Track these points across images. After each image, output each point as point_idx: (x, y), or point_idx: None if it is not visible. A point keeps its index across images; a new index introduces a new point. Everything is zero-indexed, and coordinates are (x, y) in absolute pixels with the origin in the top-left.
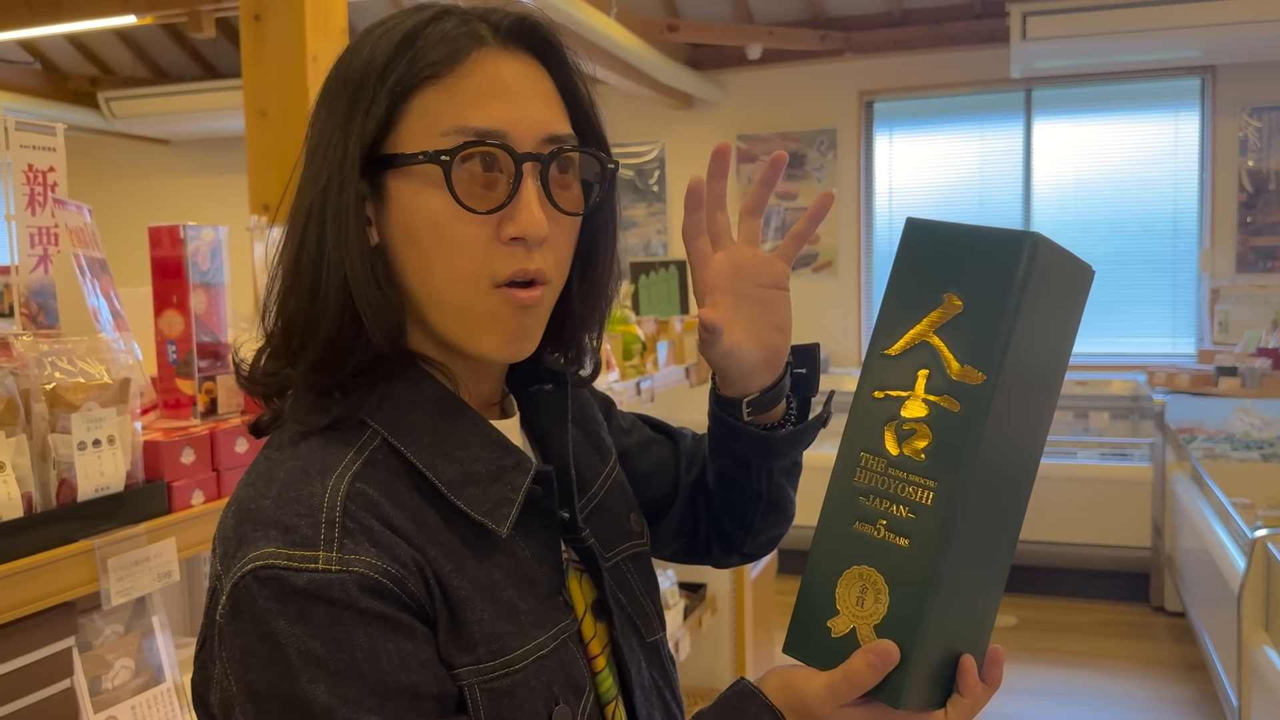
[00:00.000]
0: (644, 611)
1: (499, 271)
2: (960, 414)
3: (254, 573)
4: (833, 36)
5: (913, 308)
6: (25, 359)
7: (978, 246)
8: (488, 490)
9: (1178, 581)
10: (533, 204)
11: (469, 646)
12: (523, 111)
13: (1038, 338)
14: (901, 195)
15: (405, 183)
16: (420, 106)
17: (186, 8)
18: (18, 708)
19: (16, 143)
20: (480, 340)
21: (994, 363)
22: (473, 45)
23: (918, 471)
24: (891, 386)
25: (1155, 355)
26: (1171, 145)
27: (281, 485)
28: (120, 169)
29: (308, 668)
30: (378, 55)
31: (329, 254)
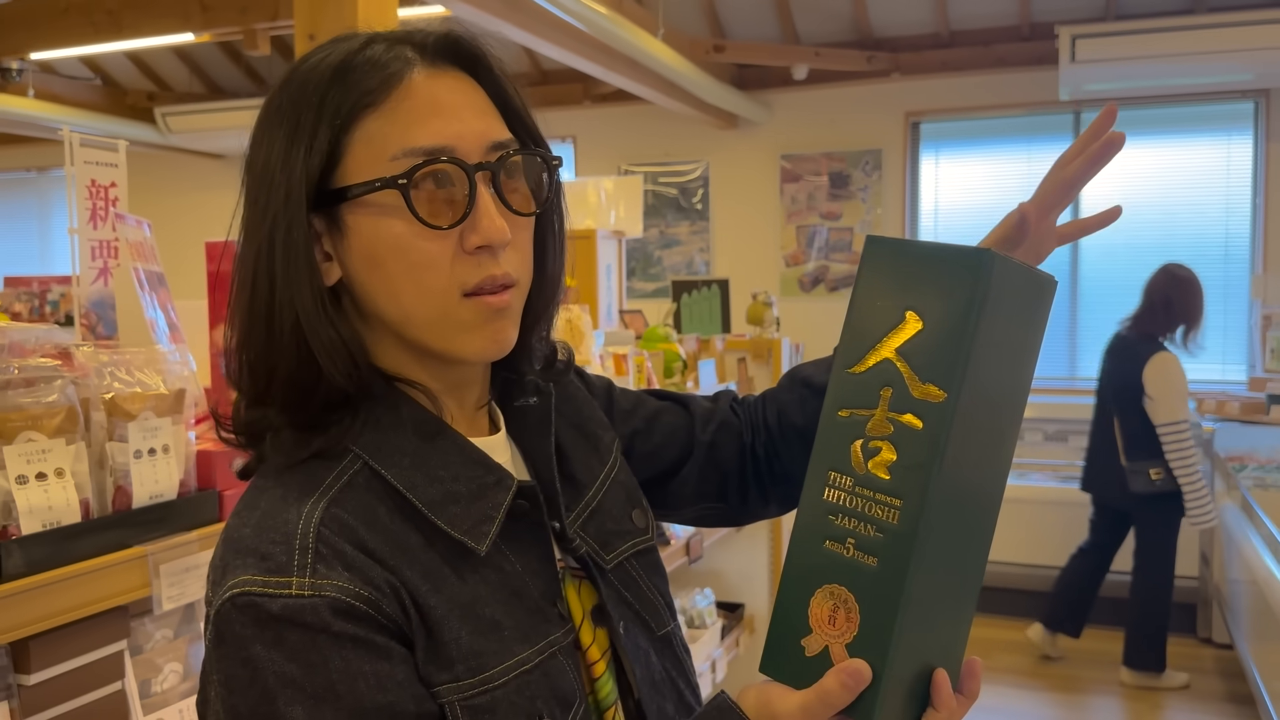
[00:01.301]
0: (652, 606)
1: (468, 281)
2: (923, 431)
3: (232, 600)
4: (880, 57)
5: (875, 326)
6: (85, 369)
7: (936, 264)
8: (469, 509)
9: (1226, 613)
10: (491, 211)
11: (447, 665)
12: (464, 125)
13: (999, 352)
14: (947, 217)
15: (362, 212)
16: (364, 136)
17: (242, 26)
18: (72, 708)
19: (80, 158)
20: (460, 346)
21: (954, 380)
22: (404, 68)
23: (883, 490)
24: (856, 405)
25: (1205, 382)
26: (1224, 169)
27: (261, 514)
28: (175, 183)
29: (285, 691)
30: (310, 89)
31: (279, 296)
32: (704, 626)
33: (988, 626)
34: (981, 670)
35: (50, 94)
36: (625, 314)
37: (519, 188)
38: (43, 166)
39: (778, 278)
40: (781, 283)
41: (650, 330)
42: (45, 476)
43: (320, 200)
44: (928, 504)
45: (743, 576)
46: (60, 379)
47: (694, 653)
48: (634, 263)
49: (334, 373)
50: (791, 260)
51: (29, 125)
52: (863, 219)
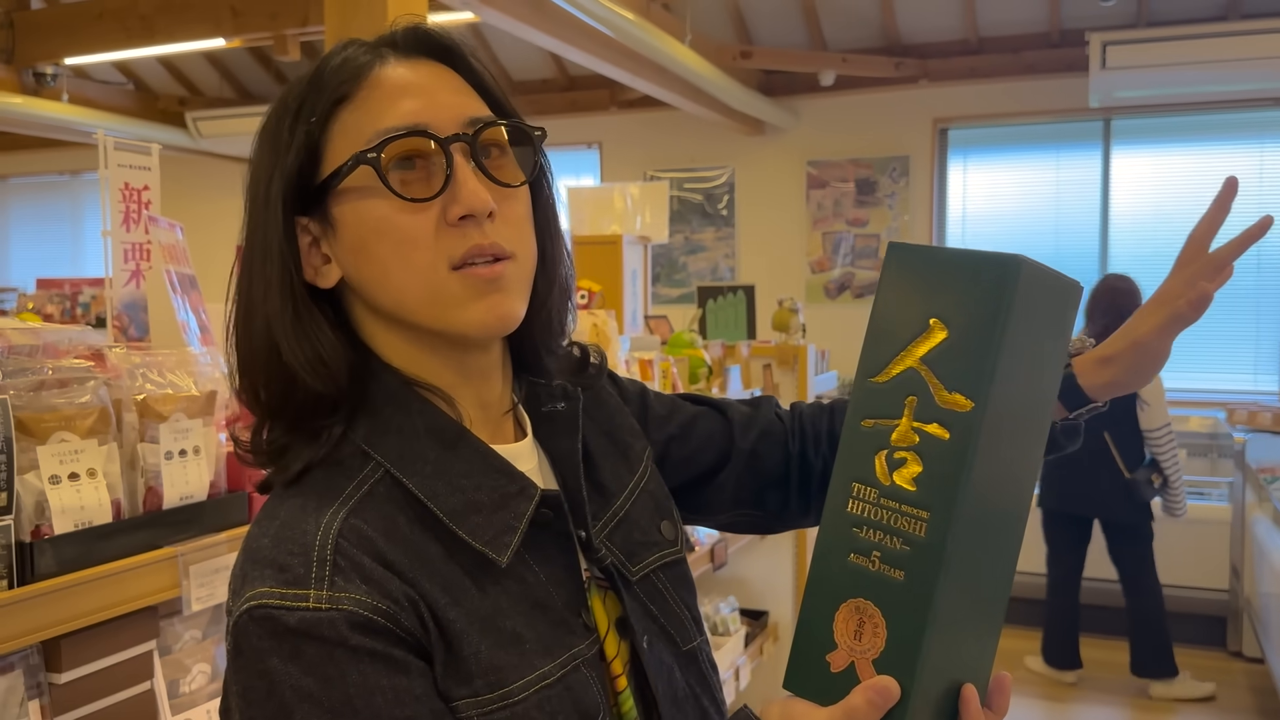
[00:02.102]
0: (678, 620)
1: (454, 252)
2: (950, 442)
3: (249, 612)
4: (908, 64)
5: (898, 334)
6: (118, 370)
7: (961, 271)
8: (490, 518)
9: (1257, 626)
10: (471, 180)
11: (466, 679)
12: (437, 102)
13: (1026, 361)
14: (975, 224)
15: (345, 202)
16: (340, 129)
17: (273, 31)
18: (101, 707)
19: (114, 161)
20: (457, 320)
21: (982, 389)
22: (375, 61)
23: (910, 502)
24: (880, 415)
25: (1236, 392)
26: (1256, 178)
27: (280, 524)
28: (206, 187)
29: (302, 705)
30: (289, 101)
31: (254, 299)
32: (728, 634)
33: (1013, 637)
34: (1010, 685)
35: (84, 99)
36: (650, 320)
37: (504, 162)
38: (75, 170)
39: (803, 284)
40: (807, 289)
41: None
42: (77, 477)
43: (309, 201)
44: (956, 516)
45: (767, 584)
46: (93, 380)
47: (718, 660)
48: (659, 269)
49: (304, 376)
50: (817, 267)
51: (63, 129)
52: (889, 225)
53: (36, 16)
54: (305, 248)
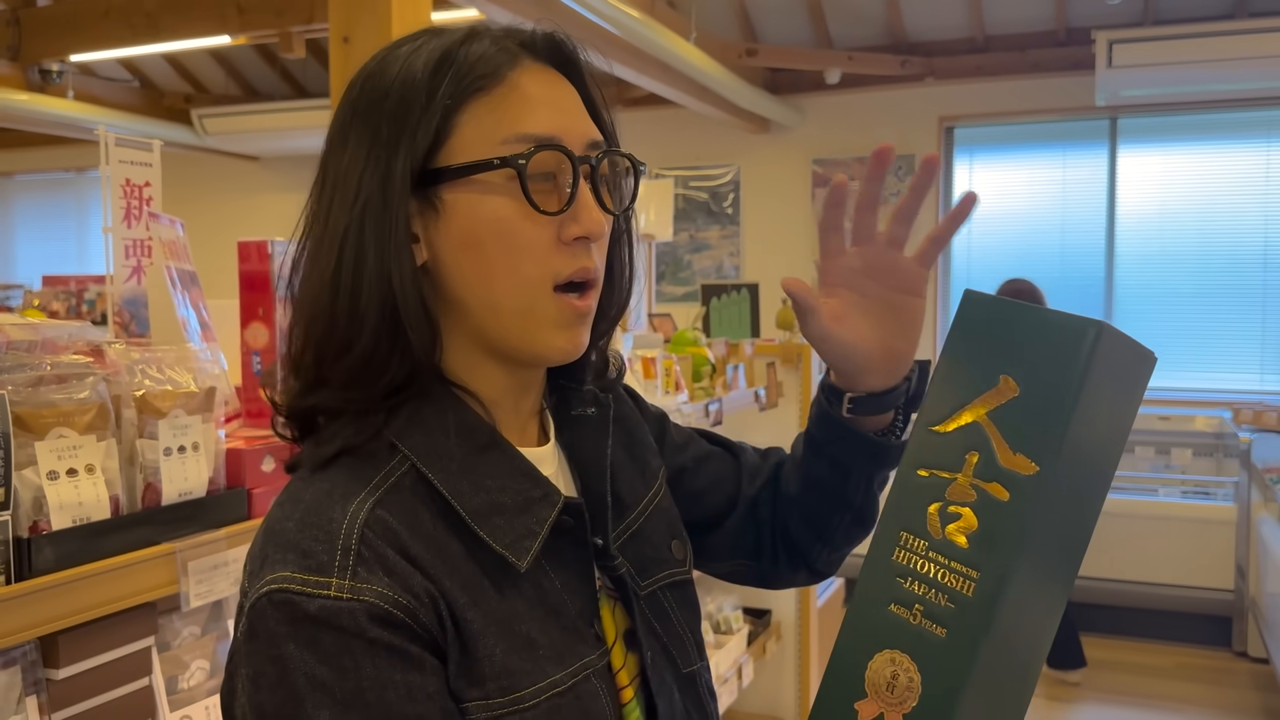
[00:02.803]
0: (681, 641)
1: (561, 271)
2: (1009, 505)
3: (269, 595)
4: (914, 62)
5: (965, 385)
6: (117, 366)
7: (1040, 329)
8: (513, 521)
9: (1262, 627)
10: (592, 203)
11: (479, 681)
12: (569, 119)
13: (1095, 428)
14: (981, 222)
15: (465, 193)
16: (473, 118)
17: (278, 29)
18: (99, 703)
19: (116, 158)
20: (541, 343)
21: (1049, 454)
22: (512, 60)
23: (960, 559)
24: (938, 466)
25: (1242, 392)
26: (1263, 176)
27: (305, 509)
28: (211, 184)
29: (313, 694)
30: (416, 75)
31: (370, 271)
32: (730, 632)
33: None
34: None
35: (89, 96)
36: (654, 318)
37: (609, 187)
38: (81, 167)
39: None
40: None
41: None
42: (76, 472)
43: (418, 181)
44: (1007, 581)
45: None
46: (92, 376)
47: (720, 658)
48: (664, 266)
49: (419, 348)
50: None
51: (68, 126)
52: None
53: (42, 13)
54: None
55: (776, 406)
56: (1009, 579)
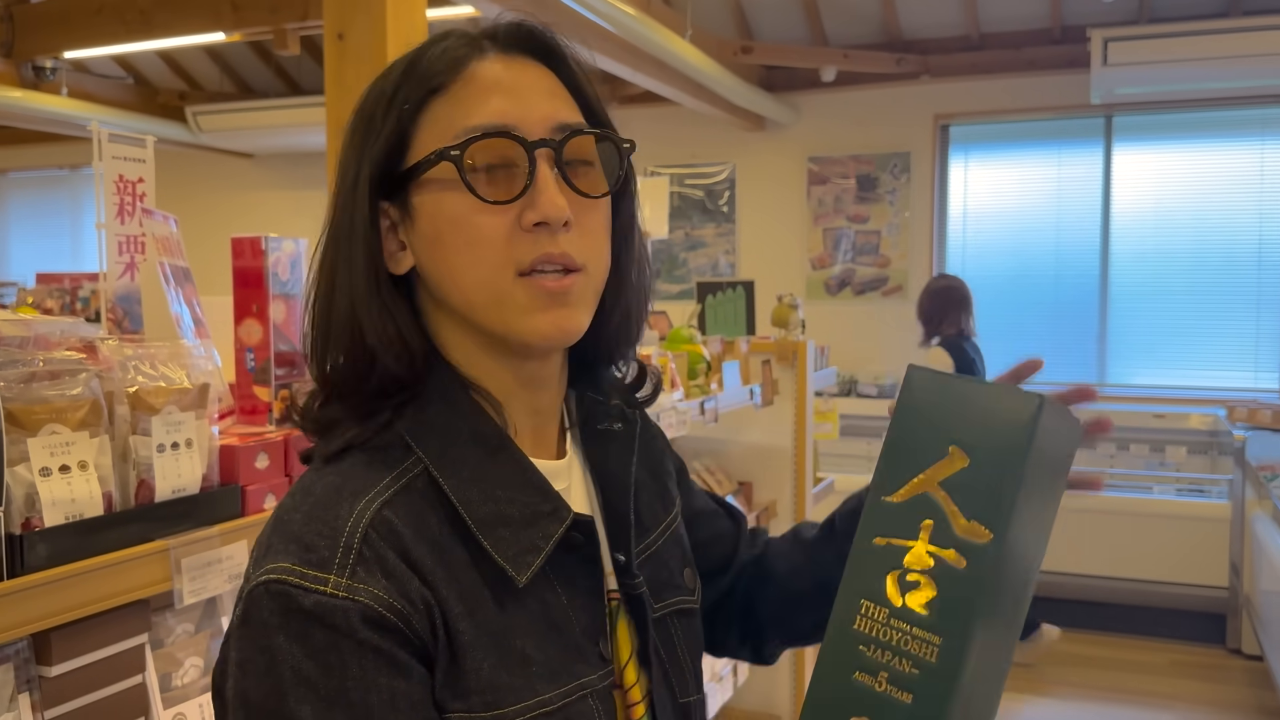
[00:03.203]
0: (681, 670)
1: (523, 258)
2: (966, 572)
3: (266, 585)
4: (909, 59)
5: (916, 456)
6: (110, 362)
7: (985, 402)
8: (518, 534)
9: (1256, 624)
10: (550, 188)
11: (463, 694)
12: (528, 105)
13: (1037, 494)
14: (976, 220)
15: (426, 193)
16: (430, 119)
17: (273, 25)
18: (92, 700)
19: (109, 154)
20: (519, 326)
21: (1000, 522)
22: (473, 54)
23: (922, 626)
24: (894, 535)
25: (1236, 390)
26: (1257, 174)
27: (314, 502)
28: (205, 181)
29: (298, 688)
30: (387, 84)
31: (339, 281)
32: None
33: None
34: None
35: (83, 92)
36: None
37: (588, 171)
38: (75, 164)
39: (803, 280)
40: (807, 285)
41: (675, 332)
42: (68, 469)
43: (392, 187)
44: (970, 645)
45: None
46: (85, 372)
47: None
48: (659, 264)
49: (385, 357)
50: (818, 263)
51: (62, 123)
52: (890, 222)
53: (35, 10)
54: (384, 231)
55: (772, 404)
56: (970, 643)
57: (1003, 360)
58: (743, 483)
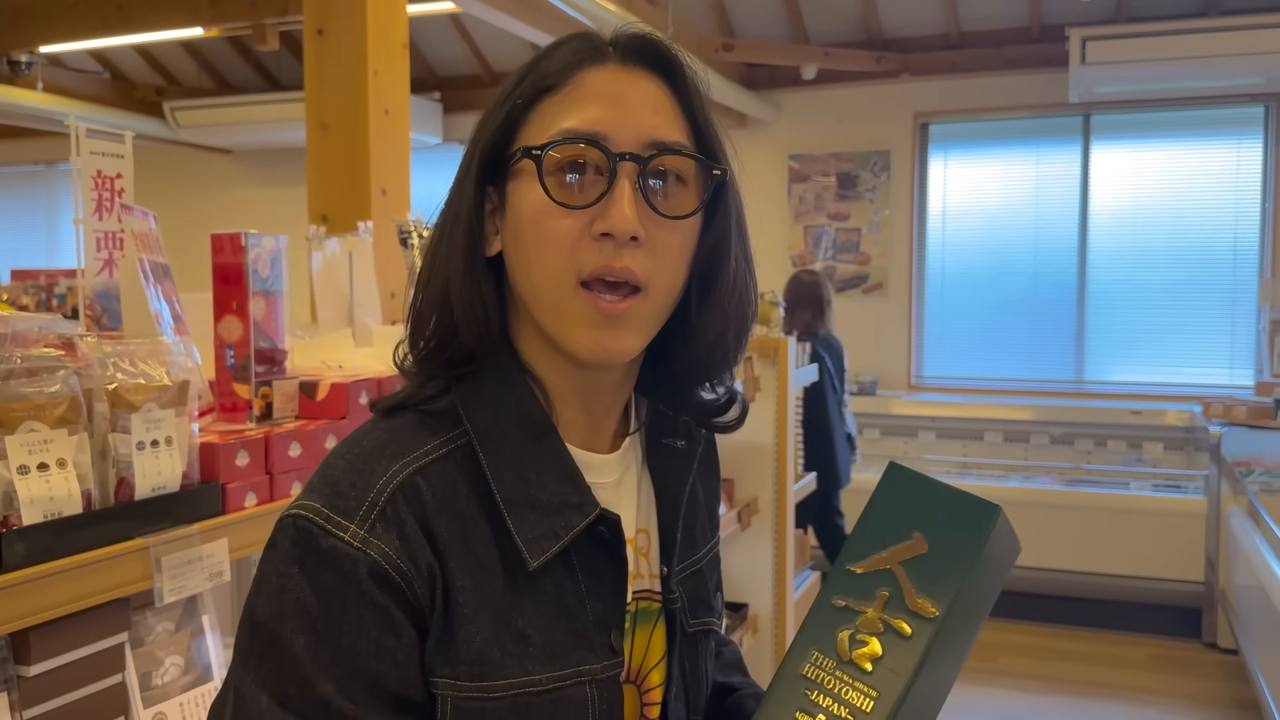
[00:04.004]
0: (699, 688)
1: (584, 265)
2: (910, 639)
3: (294, 519)
4: (889, 58)
5: (883, 537)
6: (89, 359)
7: (951, 504)
8: (542, 519)
9: (1231, 618)
10: (624, 201)
11: (451, 662)
12: (627, 116)
13: (982, 583)
14: (955, 218)
15: (515, 184)
16: (537, 115)
17: (251, 21)
18: (71, 700)
19: (86, 149)
20: (569, 338)
21: (946, 600)
22: (591, 59)
23: (862, 680)
24: (853, 599)
25: (1212, 386)
26: (1233, 173)
27: (359, 454)
28: (183, 177)
29: (298, 617)
30: (510, 81)
31: (441, 255)
32: None
33: (993, 630)
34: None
35: (59, 87)
36: None
37: (673, 191)
38: (50, 160)
39: (785, 277)
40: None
41: None
42: (47, 467)
43: (496, 174)
44: (900, 702)
45: (747, 577)
46: (63, 369)
47: None
48: None
49: (466, 332)
50: (799, 260)
51: (37, 118)
52: (870, 220)
53: (10, 3)
54: (486, 214)
55: (754, 401)
56: (903, 700)
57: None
58: (725, 480)
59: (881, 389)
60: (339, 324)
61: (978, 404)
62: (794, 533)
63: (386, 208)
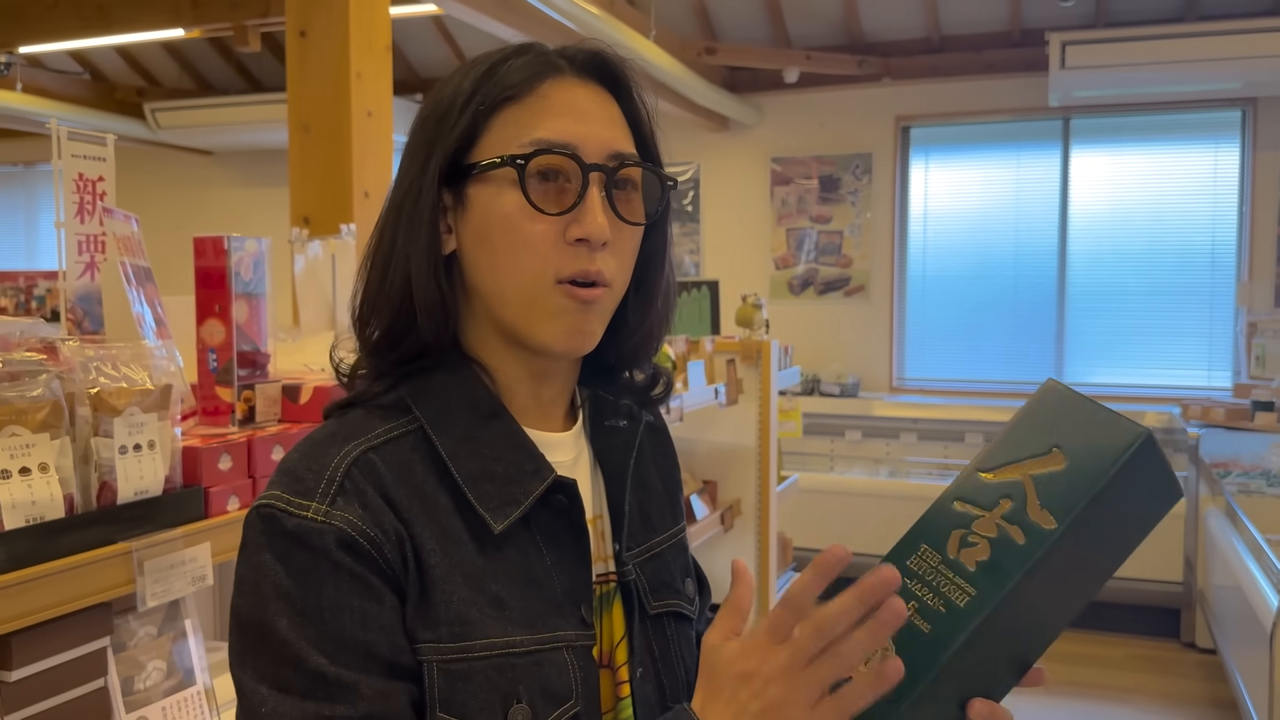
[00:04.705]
0: (674, 674)
1: (563, 269)
2: (1023, 546)
3: (258, 510)
4: (871, 62)
5: (1022, 448)
6: (71, 363)
7: (1098, 419)
8: (501, 488)
9: (1209, 618)
10: (597, 209)
11: (432, 624)
12: (591, 130)
13: (1112, 518)
14: (936, 221)
15: (483, 188)
16: (500, 123)
17: (233, 22)
18: (53, 705)
19: (68, 152)
20: (542, 331)
21: (1068, 516)
22: (549, 72)
23: (964, 576)
24: (974, 503)
25: (1190, 388)
26: (1211, 177)
27: (312, 444)
28: (163, 178)
29: (277, 601)
30: (464, 85)
31: (398, 251)
32: None
33: None
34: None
35: (38, 88)
36: None
37: (631, 199)
38: (30, 161)
39: (767, 280)
40: (771, 285)
41: None
42: (29, 471)
43: (453, 176)
44: (998, 606)
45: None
46: (45, 373)
47: None
48: None
49: (426, 326)
50: (781, 263)
51: (16, 119)
52: (852, 223)
53: None
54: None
55: (736, 403)
56: (1000, 603)
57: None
58: (707, 481)
59: (863, 390)
60: (321, 327)
61: (959, 405)
62: (776, 534)
63: (369, 210)
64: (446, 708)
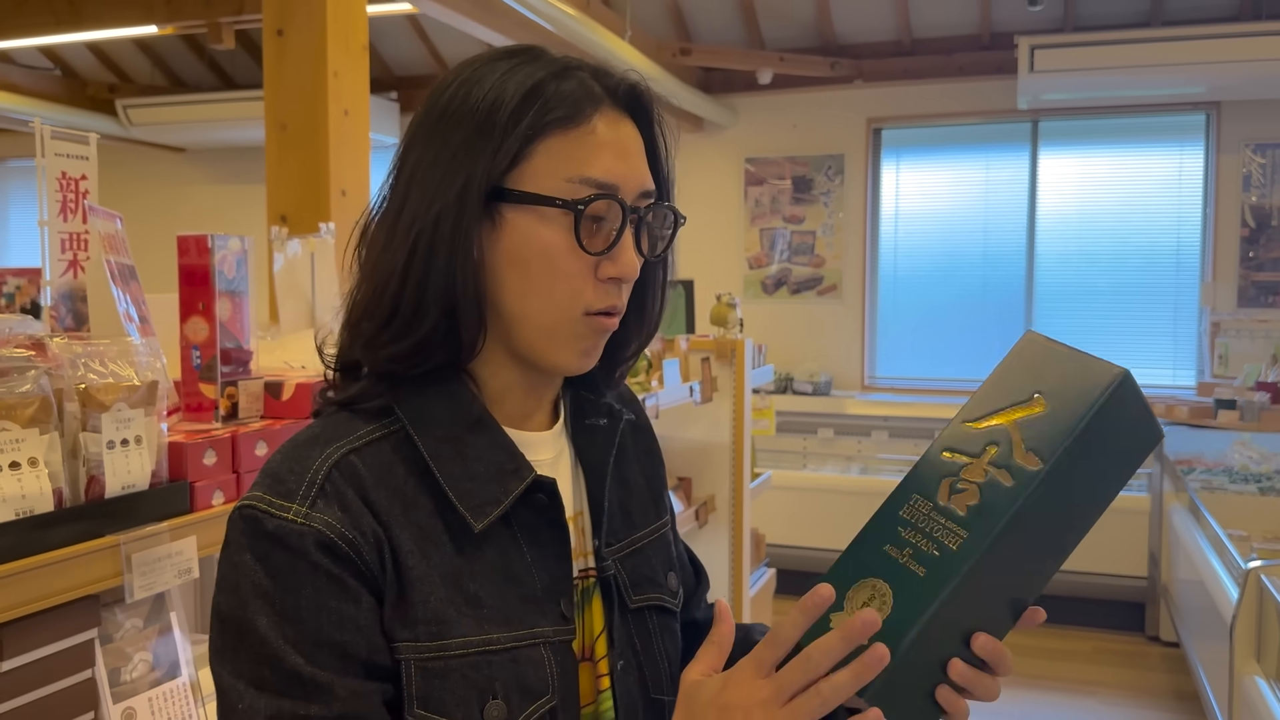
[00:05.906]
0: (657, 667)
1: (593, 303)
2: (1010, 488)
3: (240, 510)
4: (843, 64)
5: (1004, 397)
6: (60, 360)
7: (1075, 363)
8: (482, 488)
9: (1173, 612)
10: (630, 250)
11: (410, 624)
12: (630, 169)
13: (1094, 458)
14: (907, 222)
15: (524, 216)
16: (547, 150)
17: (207, 19)
18: (41, 695)
19: (51, 150)
20: (559, 355)
21: (1052, 457)
22: (594, 104)
23: (956, 521)
24: (961, 451)
25: (1155, 387)
26: (1176, 179)
27: (295, 445)
28: (136, 175)
29: (256, 601)
30: (506, 98)
31: (438, 268)
32: None
33: None
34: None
35: (9, 84)
36: None
37: (650, 234)
38: (1, 157)
39: (741, 279)
40: (745, 284)
41: None
42: (19, 465)
43: (490, 194)
44: (990, 548)
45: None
46: (34, 369)
47: None
48: None
49: (469, 341)
50: (755, 262)
51: None
52: (825, 223)
53: None
54: None
55: (711, 401)
56: (992, 545)
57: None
58: (682, 478)
59: (835, 389)
60: (301, 325)
61: (930, 404)
62: (750, 530)
63: (346, 208)
64: (424, 705)
